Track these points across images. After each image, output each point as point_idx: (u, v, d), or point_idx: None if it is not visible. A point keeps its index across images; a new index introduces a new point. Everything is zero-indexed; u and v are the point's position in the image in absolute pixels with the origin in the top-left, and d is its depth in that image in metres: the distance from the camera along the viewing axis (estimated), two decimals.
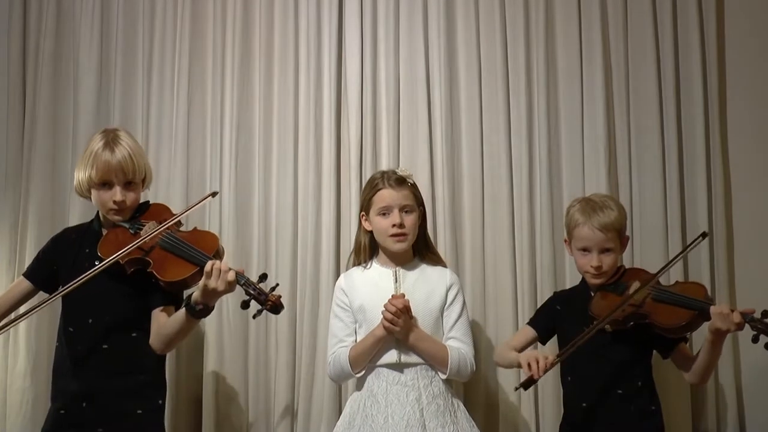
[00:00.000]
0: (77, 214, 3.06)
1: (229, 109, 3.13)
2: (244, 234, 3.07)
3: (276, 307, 2.16)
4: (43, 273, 2.44)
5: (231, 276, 2.14)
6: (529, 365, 2.28)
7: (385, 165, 3.00)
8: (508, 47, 3.04)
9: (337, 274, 2.98)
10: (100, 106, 3.22)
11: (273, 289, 2.18)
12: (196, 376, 3.02)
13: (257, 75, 3.16)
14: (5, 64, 3.26)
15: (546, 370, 2.26)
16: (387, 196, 2.54)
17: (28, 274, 2.46)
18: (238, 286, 2.16)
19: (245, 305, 2.17)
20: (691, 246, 2.50)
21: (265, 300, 2.15)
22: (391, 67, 3.07)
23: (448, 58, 3.04)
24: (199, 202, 2.50)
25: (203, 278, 2.14)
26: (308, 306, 2.98)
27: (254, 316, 2.19)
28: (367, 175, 3.01)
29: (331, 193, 3.04)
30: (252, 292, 2.16)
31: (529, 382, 2.25)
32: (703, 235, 2.51)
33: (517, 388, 2.31)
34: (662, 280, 2.50)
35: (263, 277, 2.19)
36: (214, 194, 2.50)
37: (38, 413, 3.02)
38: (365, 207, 2.60)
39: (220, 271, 2.13)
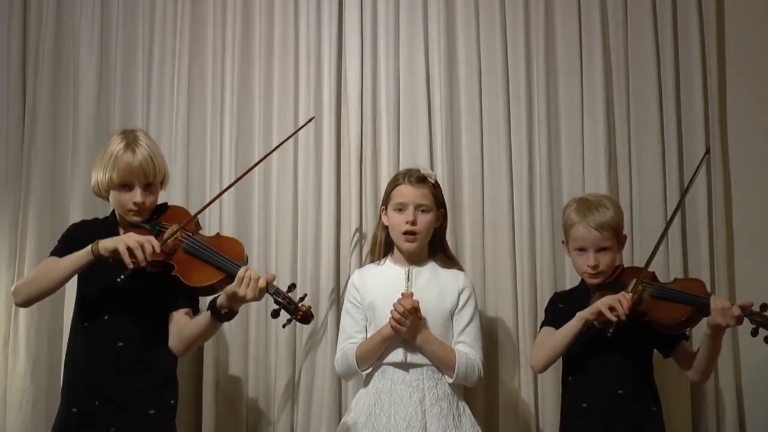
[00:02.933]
0: (77, 214, 3.05)
1: (229, 109, 3.13)
2: (244, 234, 3.06)
3: (306, 317, 2.17)
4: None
5: (262, 284, 2.15)
6: (611, 308, 2.27)
7: (385, 165, 3.01)
8: (508, 47, 3.04)
9: (337, 274, 2.99)
10: (100, 106, 3.22)
11: (302, 299, 2.19)
12: (197, 374, 3.01)
13: (257, 75, 3.16)
14: (5, 64, 3.25)
15: (630, 308, 2.26)
16: (405, 192, 2.55)
17: (61, 255, 2.34)
18: (266, 295, 2.17)
19: (275, 314, 2.19)
20: (698, 170, 2.56)
21: (296, 310, 2.16)
22: (391, 67, 3.07)
23: (448, 58, 3.04)
24: (299, 129, 2.80)
25: (234, 284, 2.15)
26: (308, 305, 2.97)
27: (284, 326, 2.22)
28: (368, 175, 3.02)
29: (331, 193, 3.03)
30: (282, 301, 2.17)
31: (618, 327, 2.26)
32: (707, 151, 2.58)
33: (609, 335, 2.28)
34: (662, 277, 2.50)
35: (292, 287, 2.20)
36: (312, 119, 2.81)
37: (38, 413, 3.02)
38: (385, 201, 2.61)
39: (251, 279, 2.14)
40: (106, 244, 2.20)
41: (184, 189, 3.11)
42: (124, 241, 2.18)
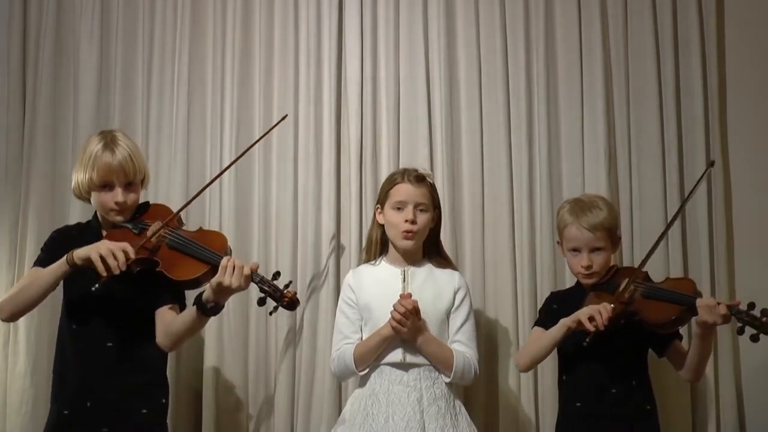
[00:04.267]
0: (77, 214, 3.05)
1: (229, 109, 3.13)
2: (244, 234, 3.07)
3: (292, 303, 2.19)
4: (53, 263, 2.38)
5: (247, 272, 2.15)
6: (590, 318, 2.27)
7: (385, 165, 3.01)
8: (508, 47, 3.04)
9: (337, 274, 2.99)
10: (100, 106, 3.22)
11: (287, 286, 2.20)
12: (197, 374, 3.02)
13: (257, 75, 3.16)
14: (5, 64, 3.25)
15: (610, 319, 2.26)
16: (404, 190, 2.55)
17: (42, 264, 2.36)
18: (251, 284, 2.18)
19: (262, 302, 2.20)
20: (700, 180, 2.54)
21: (281, 296, 2.17)
22: (391, 67, 3.07)
23: (448, 58, 3.04)
24: (273, 128, 2.73)
25: (218, 274, 2.15)
26: (308, 305, 2.97)
27: (270, 313, 2.21)
28: (367, 175, 3.02)
29: (331, 192, 3.04)
30: (267, 289, 2.18)
31: (596, 335, 2.26)
32: (712, 163, 2.57)
33: (587, 343, 2.29)
34: (656, 276, 2.50)
35: (277, 275, 2.21)
36: (284, 117, 2.75)
37: (38, 413, 3.01)
38: (381, 200, 2.60)
39: (235, 267, 2.14)
40: (79, 253, 2.18)
41: (184, 188, 3.11)
42: (97, 249, 2.16)
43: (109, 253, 2.14)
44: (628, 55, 2.98)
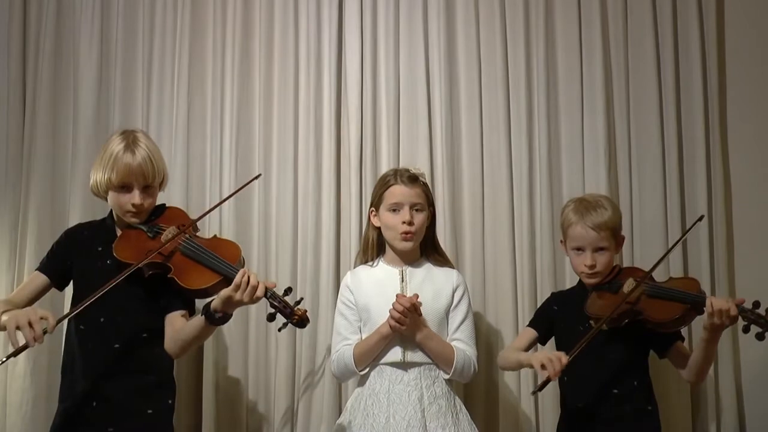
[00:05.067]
0: (77, 214, 3.06)
1: (229, 109, 3.13)
2: (244, 235, 3.07)
3: (302, 322, 2.18)
4: (58, 267, 2.40)
5: (260, 290, 2.14)
6: (542, 366, 2.25)
7: (385, 165, 3.01)
8: (508, 47, 3.04)
9: (337, 274, 2.99)
10: (100, 106, 3.22)
11: (298, 303, 2.19)
12: (197, 375, 3.02)
13: (257, 75, 3.16)
14: (5, 64, 3.25)
15: (562, 370, 2.24)
16: (399, 192, 2.55)
17: (44, 269, 2.41)
18: (263, 299, 2.17)
19: (271, 318, 2.19)
20: (689, 230, 2.55)
21: (291, 314, 2.16)
22: (391, 67, 3.07)
23: (448, 58, 3.05)
24: (245, 186, 2.59)
25: (230, 288, 2.14)
26: (308, 306, 2.94)
27: (279, 329, 2.21)
28: (368, 175, 3.02)
29: (331, 193, 3.04)
30: (278, 305, 2.17)
31: (545, 384, 2.23)
32: (701, 218, 2.57)
33: (534, 392, 2.30)
34: (658, 276, 2.50)
35: (288, 291, 2.20)
36: (258, 176, 2.67)
37: (38, 413, 3.02)
38: (375, 203, 2.60)
39: (249, 284, 2.13)
40: (2, 319, 2.15)
41: (184, 189, 3.11)
42: (15, 320, 2.08)
43: (26, 323, 2.06)
44: (628, 55, 2.98)
